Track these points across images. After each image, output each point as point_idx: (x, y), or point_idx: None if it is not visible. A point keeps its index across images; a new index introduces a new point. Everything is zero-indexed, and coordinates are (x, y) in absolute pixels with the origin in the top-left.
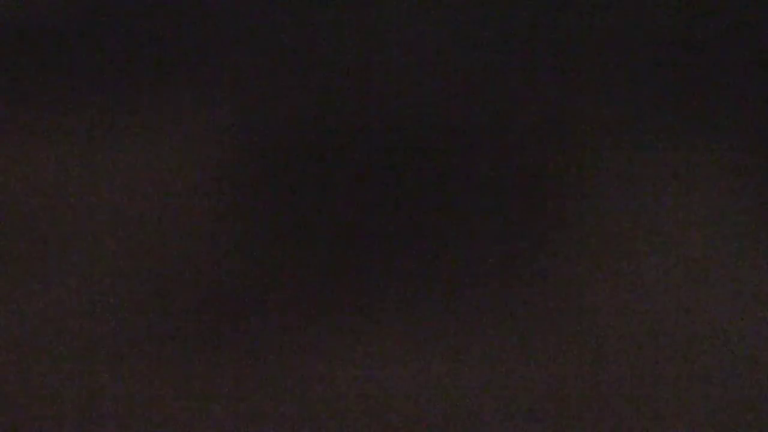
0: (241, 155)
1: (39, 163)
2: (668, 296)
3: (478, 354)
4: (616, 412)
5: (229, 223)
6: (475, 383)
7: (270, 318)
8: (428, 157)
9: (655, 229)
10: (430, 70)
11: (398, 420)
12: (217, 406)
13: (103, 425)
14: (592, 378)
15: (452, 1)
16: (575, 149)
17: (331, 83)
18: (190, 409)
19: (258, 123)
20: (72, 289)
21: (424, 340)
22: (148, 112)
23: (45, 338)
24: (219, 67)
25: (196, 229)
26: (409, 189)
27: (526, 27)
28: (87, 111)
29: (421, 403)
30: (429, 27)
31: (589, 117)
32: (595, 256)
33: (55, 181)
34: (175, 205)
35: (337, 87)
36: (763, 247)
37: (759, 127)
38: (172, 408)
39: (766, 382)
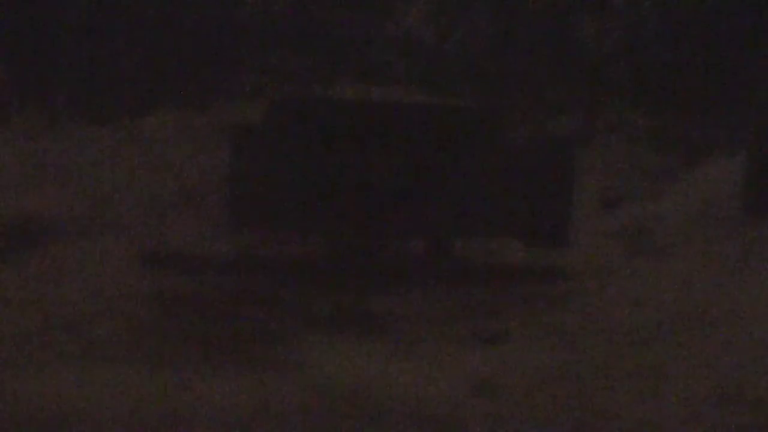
0: (240, 155)
1: (39, 163)
2: (667, 295)
3: (476, 351)
4: (615, 409)
5: (228, 223)
6: (473, 380)
7: (270, 318)
8: (429, 156)
9: (654, 228)
10: (430, 65)
11: (397, 417)
12: (216, 404)
13: (102, 423)
14: (590, 376)
15: None
16: (574, 149)
17: (331, 80)
18: (189, 408)
19: (257, 121)
20: (73, 289)
21: (421, 338)
22: (148, 112)
23: (45, 338)
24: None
25: (197, 228)
26: (410, 187)
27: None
28: (88, 111)
29: (421, 401)
30: (428, 24)
31: (588, 117)
32: (593, 255)
33: (56, 180)
34: (176, 205)
35: (337, 84)
36: (762, 246)
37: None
38: (170, 406)
39: (765, 380)
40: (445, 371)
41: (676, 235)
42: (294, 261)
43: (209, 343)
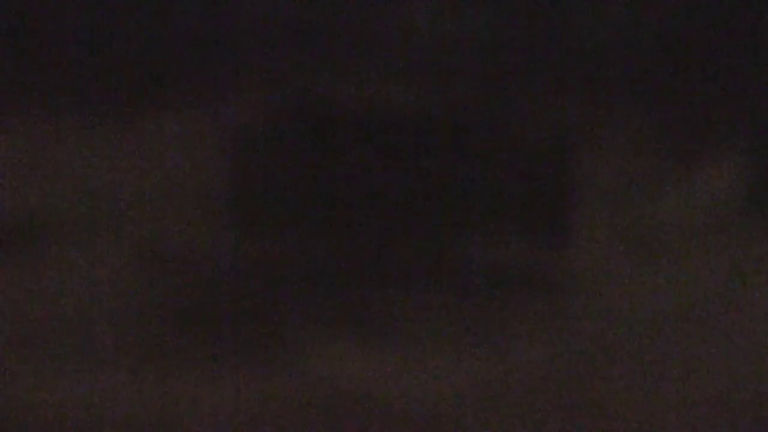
0: (239, 157)
1: (39, 163)
2: (667, 296)
3: (475, 352)
4: (616, 409)
5: (228, 223)
6: (472, 380)
7: (270, 318)
8: (428, 156)
9: (654, 228)
10: (431, 69)
11: (396, 417)
12: (216, 405)
13: (103, 425)
14: (591, 375)
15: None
16: (576, 149)
17: (332, 81)
18: (189, 409)
19: (257, 123)
20: (72, 289)
21: (421, 338)
22: (148, 112)
23: (45, 338)
24: (219, 67)
25: (196, 228)
26: (409, 187)
27: (525, 27)
28: (88, 111)
29: (418, 400)
30: (429, 25)
31: (588, 117)
32: (593, 255)
33: (56, 181)
34: (175, 207)
35: (337, 85)
36: (762, 247)
37: (759, 128)
38: (171, 407)
39: (765, 381)
40: (446, 372)
41: (677, 235)
42: (294, 261)
43: (209, 344)
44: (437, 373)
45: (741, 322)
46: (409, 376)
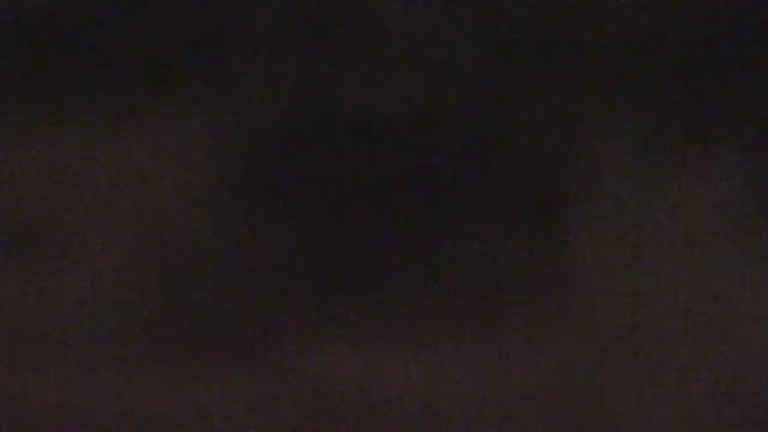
0: (239, 156)
1: (38, 164)
2: (669, 295)
3: (476, 352)
4: (615, 410)
5: (228, 224)
6: (472, 381)
7: (269, 318)
8: (428, 157)
9: (656, 229)
10: (431, 69)
11: (396, 418)
12: (216, 405)
13: (102, 425)
14: (591, 376)
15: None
16: (575, 150)
17: (331, 83)
18: (189, 409)
19: (256, 123)
20: (71, 290)
21: (421, 339)
22: (147, 113)
23: (45, 338)
24: (217, 68)
25: (196, 230)
26: (409, 188)
27: (525, 26)
28: (86, 111)
29: (418, 401)
30: (429, 26)
31: (590, 118)
32: (595, 256)
33: (55, 182)
34: (175, 206)
35: (336, 86)
36: (764, 246)
37: (759, 127)
38: (170, 407)
39: (766, 380)
40: (445, 372)
41: (677, 236)
42: (293, 260)
43: (208, 344)
44: (437, 373)
45: (742, 323)
46: (409, 376)
